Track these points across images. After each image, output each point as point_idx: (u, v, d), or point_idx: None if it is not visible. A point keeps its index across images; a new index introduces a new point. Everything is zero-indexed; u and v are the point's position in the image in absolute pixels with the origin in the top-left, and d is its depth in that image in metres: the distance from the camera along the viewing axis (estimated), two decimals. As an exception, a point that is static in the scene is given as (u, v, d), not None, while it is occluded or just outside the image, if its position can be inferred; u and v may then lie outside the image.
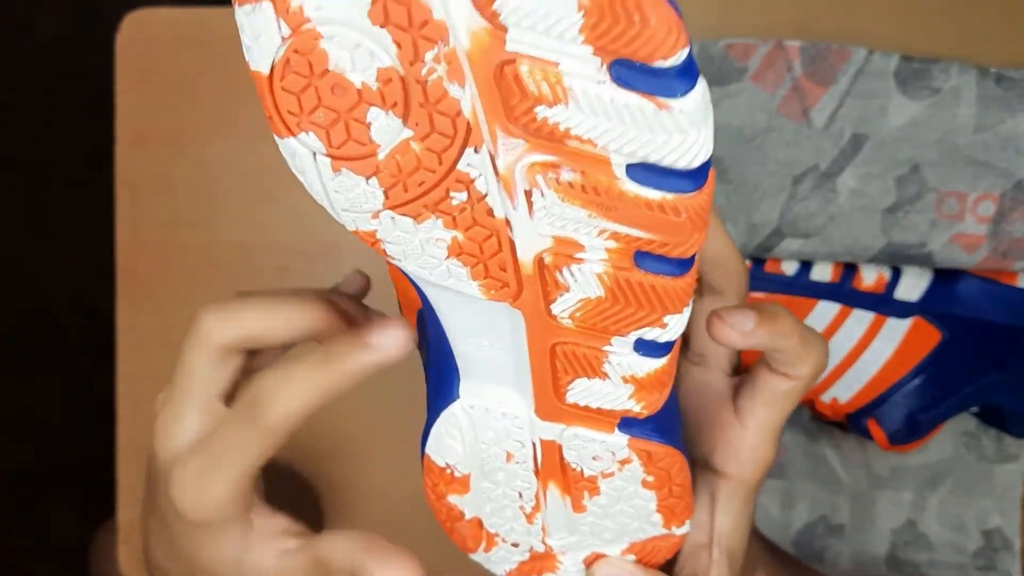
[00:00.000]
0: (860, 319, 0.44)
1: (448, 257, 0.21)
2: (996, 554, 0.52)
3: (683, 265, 0.21)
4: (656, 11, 0.17)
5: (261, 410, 0.23)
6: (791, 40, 0.40)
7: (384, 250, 0.21)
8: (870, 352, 0.44)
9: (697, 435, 0.29)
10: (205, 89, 0.54)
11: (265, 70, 0.19)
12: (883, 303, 0.44)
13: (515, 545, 0.28)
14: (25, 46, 0.95)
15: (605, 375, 0.23)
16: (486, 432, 0.25)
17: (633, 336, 0.22)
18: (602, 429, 0.24)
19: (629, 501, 0.26)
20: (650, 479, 0.25)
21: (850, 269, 0.44)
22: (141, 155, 0.54)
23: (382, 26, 0.17)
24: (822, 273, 0.43)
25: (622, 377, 0.23)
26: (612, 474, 0.25)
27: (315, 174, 0.20)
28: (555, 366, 0.23)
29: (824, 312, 0.44)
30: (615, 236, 0.20)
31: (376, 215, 0.20)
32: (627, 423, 0.24)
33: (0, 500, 0.99)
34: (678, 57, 0.17)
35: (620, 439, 0.24)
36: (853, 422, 0.46)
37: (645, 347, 0.22)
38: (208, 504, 0.24)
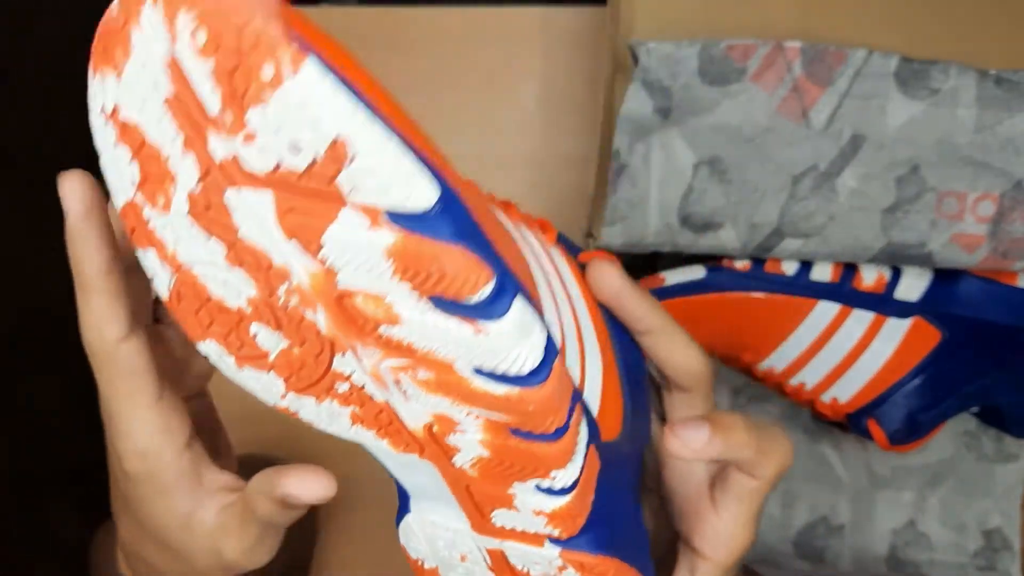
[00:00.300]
0: (860, 319, 0.44)
1: (352, 425, 0.24)
2: (996, 554, 0.52)
3: (555, 435, 0.23)
4: (451, 260, 0.20)
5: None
6: (791, 41, 0.40)
7: (301, 419, 0.25)
8: (870, 352, 0.44)
9: (680, 517, 0.31)
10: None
11: (165, 297, 0.23)
12: (883, 303, 0.44)
13: None
14: (26, 46, 0.95)
15: (517, 509, 0.25)
16: (438, 540, 0.28)
17: (530, 483, 0.25)
18: (533, 544, 0.26)
19: None
20: None
21: (850, 269, 0.44)
22: (141, 155, 0.54)
23: (239, 267, 0.21)
24: (822, 273, 0.43)
25: (532, 511, 0.25)
26: (556, 574, 0.27)
27: (226, 368, 0.24)
28: (473, 500, 0.26)
29: (824, 312, 0.44)
30: (481, 416, 0.23)
31: (284, 396, 0.24)
32: (554, 540, 0.26)
33: (2, 500, 0.99)
34: (483, 293, 0.20)
35: (552, 551, 0.26)
36: (853, 422, 0.46)
37: (545, 491, 0.25)
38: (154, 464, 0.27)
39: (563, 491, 0.25)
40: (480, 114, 0.54)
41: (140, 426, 0.26)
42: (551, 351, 0.22)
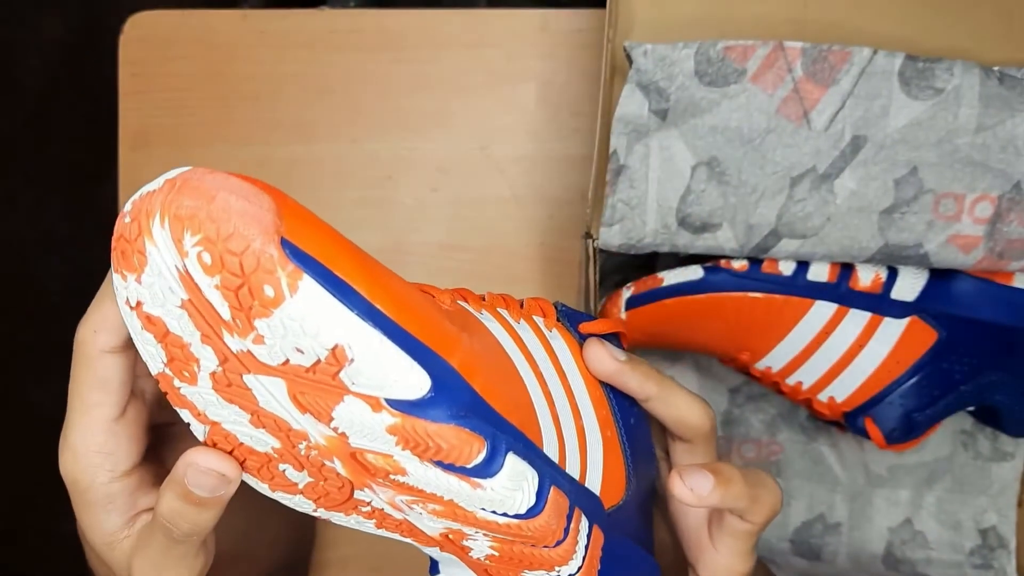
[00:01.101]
0: (857, 319, 0.44)
1: (379, 529, 0.28)
2: (992, 552, 0.52)
3: (555, 545, 0.26)
4: (446, 437, 0.23)
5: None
6: (792, 41, 0.40)
7: (334, 522, 0.28)
8: (867, 351, 0.44)
9: (684, 545, 0.34)
10: (207, 91, 0.54)
11: (202, 440, 0.26)
12: (880, 303, 0.44)
13: None
14: (27, 48, 0.96)
15: None
16: None
17: (539, 573, 0.28)
18: None
19: None
20: None
21: (847, 269, 0.44)
22: (143, 157, 0.54)
23: (262, 427, 0.24)
24: (819, 273, 0.44)
25: None
26: None
27: (261, 489, 0.27)
28: None
29: (821, 312, 0.44)
30: (489, 534, 0.26)
31: (315, 510, 0.27)
32: None
33: (2, 499, 0.99)
34: (478, 460, 0.23)
35: None
36: (850, 421, 0.46)
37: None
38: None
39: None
40: (480, 115, 0.54)
41: (84, 439, 0.26)
42: (544, 487, 0.25)
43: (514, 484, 0.24)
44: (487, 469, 0.24)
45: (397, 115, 0.54)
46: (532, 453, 0.26)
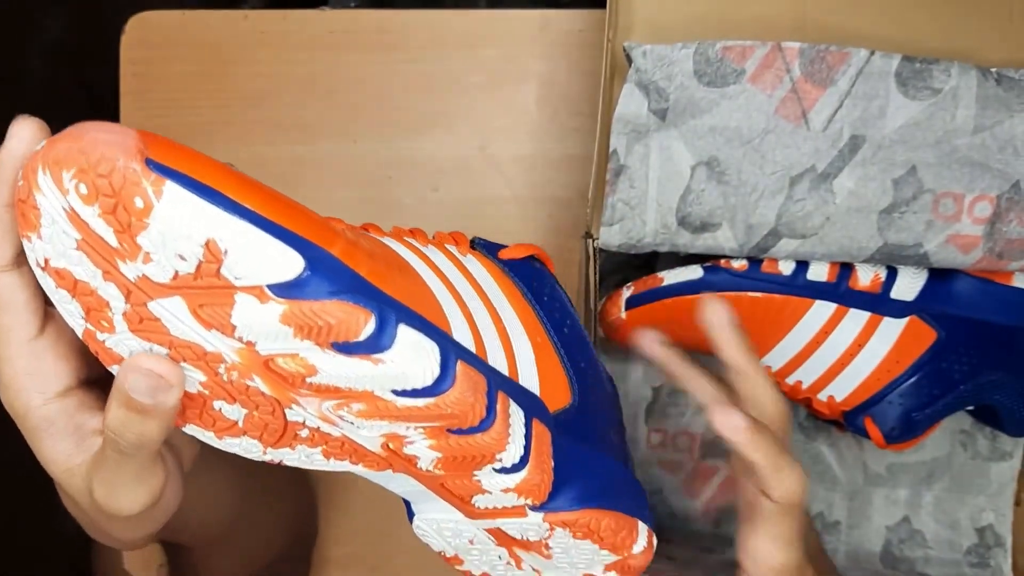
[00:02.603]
0: (856, 318, 0.44)
1: (328, 459, 0.29)
2: (989, 551, 0.53)
3: (481, 426, 0.27)
4: (331, 312, 0.24)
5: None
6: (790, 42, 0.41)
7: (289, 464, 0.29)
8: (866, 351, 0.45)
9: (741, 533, 0.35)
10: (208, 91, 0.54)
11: None
12: (879, 302, 0.44)
13: None
14: (29, 49, 0.95)
15: (488, 491, 0.29)
16: (445, 532, 0.31)
17: (486, 468, 0.28)
18: (518, 516, 0.30)
19: (576, 548, 0.31)
20: (579, 533, 0.30)
21: (846, 268, 0.44)
22: (144, 156, 0.54)
23: (184, 361, 0.25)
24: (818, 273, 0.44)
25: (500, 490, 0.29)
26: (550, 536, 0.31)
27: (210, 441, 0.28)
28: (453, 493, 0.30)
29: (820, 311, 0.44)
30: (419, 427, 0.27)
31: (264, 451, 0.28)
32: (533, 508, 0.30)
33: (4, 498, 0.99)
34: (367, 331, 0.25)
35: (535, 518, 0.30)
36: (849, 420, 0.46)
37: (500, 471, 0.28)
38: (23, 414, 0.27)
39: (516, 467, 0.28)
40: (480, 115, 0.54)
41: (7, 365, 0.26)
42: (448, 359, 0.26)
43: (413, 352, 0.25)
44: (379, 341, 0.25)
45: (397, 115, 0.54)
46: (428, 327, 0.26)
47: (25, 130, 0.25)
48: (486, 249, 0.34)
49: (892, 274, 0.44)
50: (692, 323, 0.45)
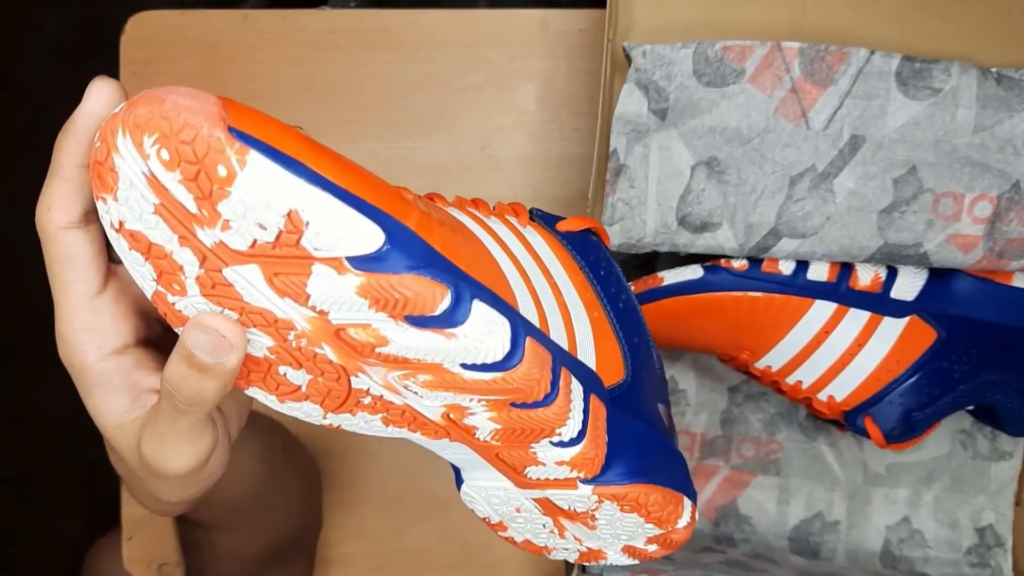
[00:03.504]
0: (856, 318, 0.44)
1: (387, 426, 0.29)
2: (989, 551, 0.53)
3: (545, 400, 0.28)
4: (409, 286, 0.24)
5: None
6: (789, 42, 0.41)
7: (347, 430, 0.29)
8: (866, 351, 0.45)
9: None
10: (208, 91, 0.54)
11: None
12: (879, 302, 0.44)
13: (566, 549, 0.34)
14: (29, 48, 0.96)
15: (543, 463, 0.30)
16: (493, 499, 0.32)
17: (544, 441, 0.29)
18: (569, 488, 0.30)
19: (622, 521, 0.32)
20: (627, 507, 0.31)
21: (846, 268, 0.44)
22: (144, 156, 0.54)
23: (253, 326, 0.26)
24: (819, 272, 0.44)
25: (555, 462, 0.29)
26: (597, 508, 0.31)
27: (272, 405, 0.29)
28: (507, 463, 0.30)
29: (820, 311, 0.44)
30: (482, 399, 0.27)
31: (324, 416, 0.29)
32: (584, 481, 0.30)
33: (6, 499, 1.00)
34: (443, 306, 0.25)
35: (585, 490, 0.30)
36: (850, 420, 0.46)
37: (558, 444, 0.29)
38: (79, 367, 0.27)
39: (573, 441, 0.29)
40: (481, 115, 0.54)
41: (67, 320, 0.26)
42: (518, 335, 0.27)
43: (485, 328, 0.26)
44: (454, 316, 0.25)
45: (397, 115, 0.54)
46: (500, 304, 0.27)
47: (103, 90, 0.25)
48: (545, 221, 0.33)
49: (892, 274, 0.44)
50: (693, 323, 0.45)
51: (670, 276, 0.44)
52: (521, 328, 0.27)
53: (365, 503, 0.55)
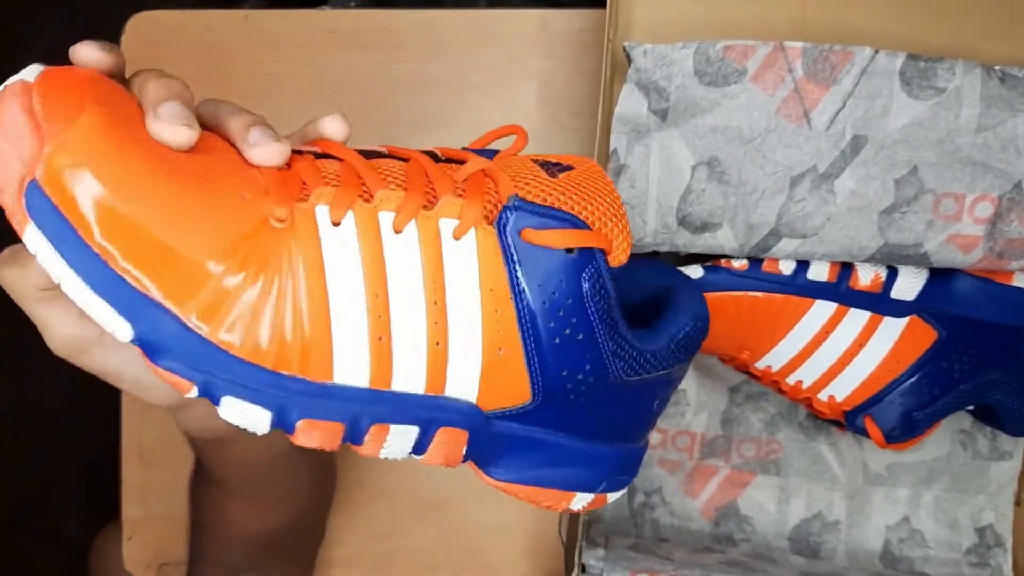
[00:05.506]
0: (856, 318, 0.44)
1: None
2: (989, 551, 0.53)
3: (351, 442, 0.29)
4: (164, 375, 0.26)
5: None
6: (792, 41, 0.40)
7: None
8: (866, 350, 0.44)
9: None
10: (208, 91, 0.54)
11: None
12: (879, 302, 0.44)
13: None
14: (30, 49, 0.95)
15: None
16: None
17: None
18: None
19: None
20: (511, 495, 0.33)
21: (847, 268, 0.44)
22: (144, 156, 0.54)
23: None
24: (819, 272, 0.44)
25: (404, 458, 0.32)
26: None
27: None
28: None
29: (821, 311, 0.44)
30: None
31: None
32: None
33: (5, 498, 0.99)
34: (193, 394, 0.27)
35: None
36: (850, 420, 0.46)
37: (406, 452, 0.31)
38: None
39: (414, 452, 0.30)
40: (480, 115, 0.54)
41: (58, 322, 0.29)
42: (286, 419, 0.27)
43: (239, 419, 0.27)
44: (213, 401, 0.26)
45: (397, 115, 0.54)
46: (258, 395, 0.27)
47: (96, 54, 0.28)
48: (518, 219, 0.28)
49: (892, 274, 0.44)
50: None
51: (670, 276, 0.44)
52: (293, 412, 0.27)
53: (365, 503, 0.55)
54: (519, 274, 0.28)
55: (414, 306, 0.28)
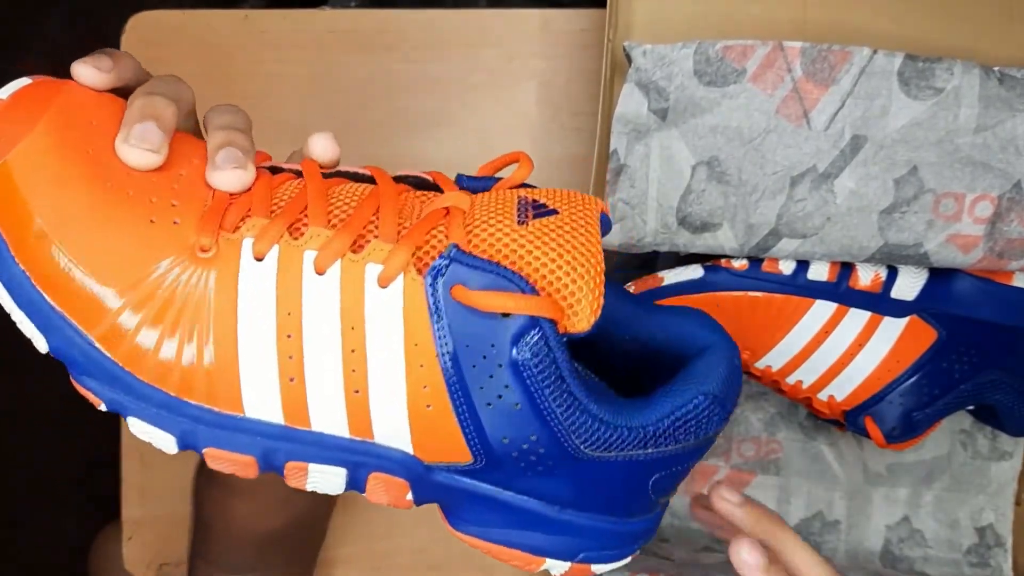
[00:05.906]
0: (856, 318, 0.44)
1: None
2: (989, 551, 0.53)
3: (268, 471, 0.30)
4: (79, 387, 0.27)
5: None
6: (791, 41, 0.40)
7: None
8: (866, 350, 0.45)
9: None
10: (208, 91, 0.54)
11: None
12: (879, 302, 0.44)
13: None
14: (30, 50, 0.96)
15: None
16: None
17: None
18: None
19: None
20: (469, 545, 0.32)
21: (847, 268, 0.44)
22: (144, 156, 0.54)
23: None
24: (819, 272, 0.44)
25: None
26: None
27: None
28: None
29: (821, 311, 0.44)
30: None
31: None
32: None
33: (5, 499, 1.00)
34: (104, 408, 0.28)
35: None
36: (850, 420, 0.46)
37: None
38: None
39: (347, 487, 0.30)
40: (480, 115, 0.54)
41: None
42: (194, 444, 0.27)
43: (148, 440, 0.28)
44: (123, 417, 0.27)
45: (397, 115, 0.54)
46: (162, 418, 0.27)
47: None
48: (448, 275, 0.26)
49: (892, 274, 0.44)
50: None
51: (670, 276, 0.44)
52: (197, 439, 0.27)
53: (365, 503, 0.55)
54: (444, 332, 0.26)
55: (330, 352, 0.26)
